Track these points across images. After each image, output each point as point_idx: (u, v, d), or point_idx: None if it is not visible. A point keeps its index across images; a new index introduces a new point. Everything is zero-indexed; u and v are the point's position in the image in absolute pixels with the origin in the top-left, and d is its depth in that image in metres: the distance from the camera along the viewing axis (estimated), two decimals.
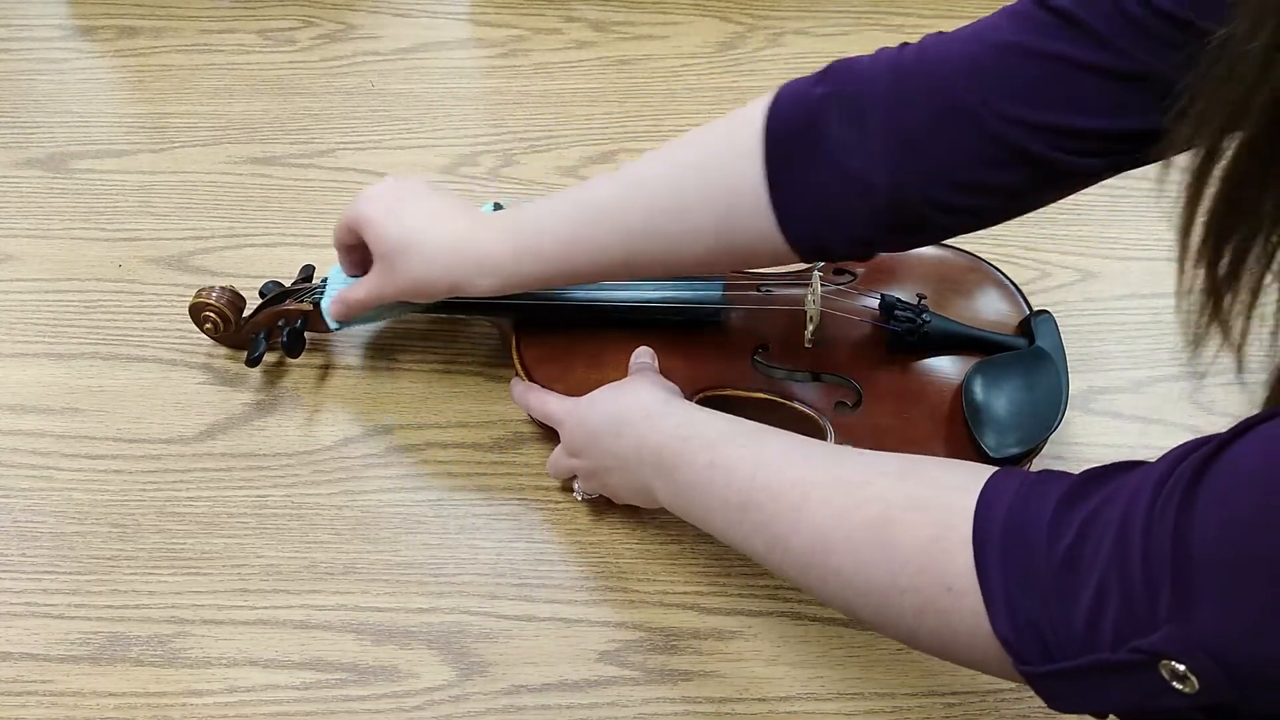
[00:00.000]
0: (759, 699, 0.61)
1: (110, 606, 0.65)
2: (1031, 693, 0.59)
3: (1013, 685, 0.61)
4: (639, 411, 0.60)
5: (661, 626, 0.64)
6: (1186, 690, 0.35)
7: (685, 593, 0.66)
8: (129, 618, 0.64)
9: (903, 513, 0.46)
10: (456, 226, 0.64)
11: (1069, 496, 0.41)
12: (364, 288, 0.68)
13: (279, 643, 0.63)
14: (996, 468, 0.46)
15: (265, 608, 0.65)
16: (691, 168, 0.58)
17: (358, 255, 0.70)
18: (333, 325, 0.72)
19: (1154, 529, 0.36)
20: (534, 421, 0.72)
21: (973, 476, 0.45)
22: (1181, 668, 0.35)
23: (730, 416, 0.59)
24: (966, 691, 0.61)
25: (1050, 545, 0.40)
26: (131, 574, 0.66)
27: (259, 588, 0.65)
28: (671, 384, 0.64)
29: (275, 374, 0.76)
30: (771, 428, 0.56)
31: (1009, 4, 0.52)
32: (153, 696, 0.61)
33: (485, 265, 0.63)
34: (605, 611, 0.65)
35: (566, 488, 0.69)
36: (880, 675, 0.62)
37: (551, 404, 0.66)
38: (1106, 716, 0.41)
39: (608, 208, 0.60)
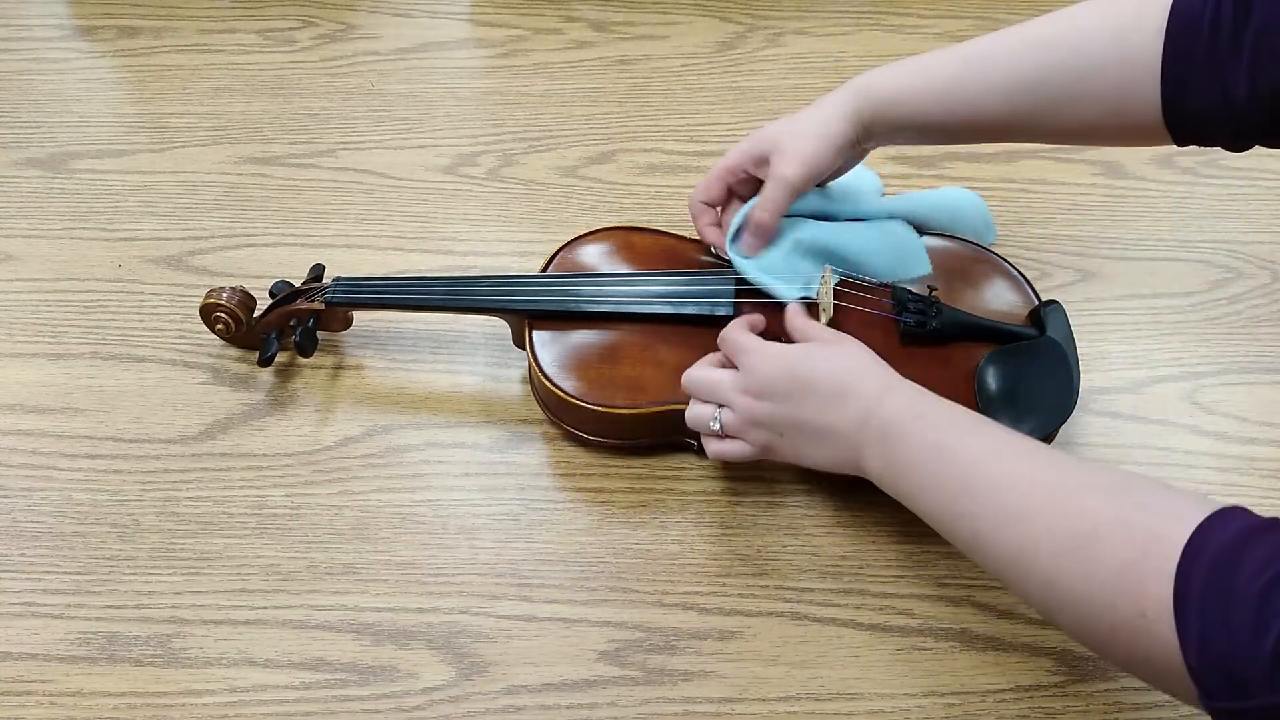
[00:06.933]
0: (759, 699, 0.61)
1: (110, 606, 0.65)
2: (1031, 695, 0.59)
3: (1011, 686, 0.61)
4: (870, 383, 0.59)
5: (661, 626, 0.64)
6: None
7: (685, 593, 0.66)
8: (129, 618, 0.64)
9: (1109, 531, 0.47)
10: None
11: None
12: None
13: (279, 643, 0.63)
14: (1223, 504, 0.45)
15: (265, 608, 0.65)
16: (1095, 32, 0.59)
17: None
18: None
19: None
20: (538, 421, 0.72)
21: (1192, 508, 0.45)
22: None
23: (958, 405, 0.58)
24: (966, 691, 0.61)
25: (1251, 580, 0.40)
26: (131, 574, 0.66)
27: (259, 588, 0.65)
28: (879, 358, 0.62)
29: (276, 375, 0.76)
30: (996, 423, 0.56)
31: None
32: (153, 696, 0.61)
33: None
34: (605, 611, 0.65)
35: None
36: (880, 675, 0.62)
37: (753, 341, 0.64)
38: None
39: (998, 56, 0.62)
